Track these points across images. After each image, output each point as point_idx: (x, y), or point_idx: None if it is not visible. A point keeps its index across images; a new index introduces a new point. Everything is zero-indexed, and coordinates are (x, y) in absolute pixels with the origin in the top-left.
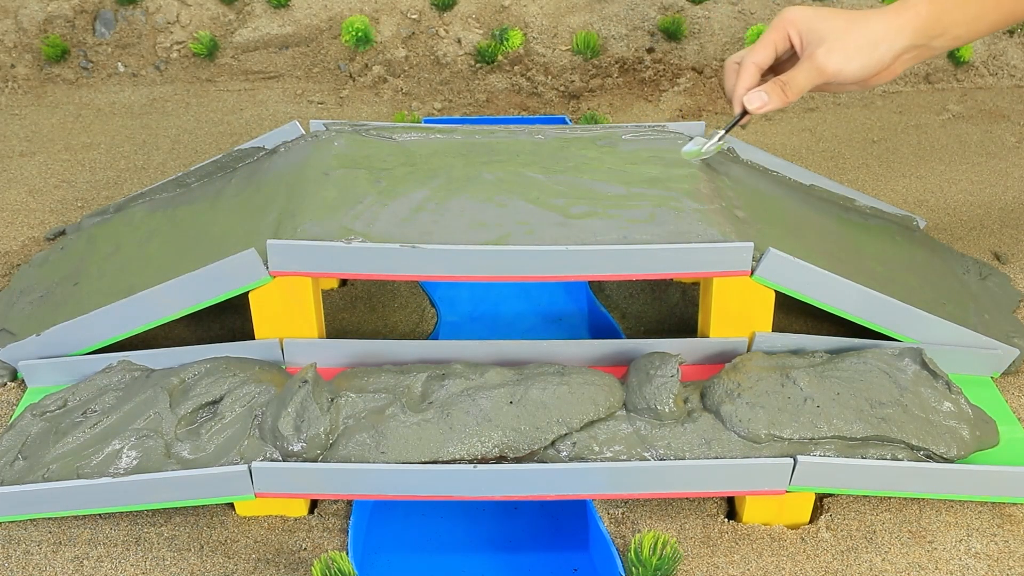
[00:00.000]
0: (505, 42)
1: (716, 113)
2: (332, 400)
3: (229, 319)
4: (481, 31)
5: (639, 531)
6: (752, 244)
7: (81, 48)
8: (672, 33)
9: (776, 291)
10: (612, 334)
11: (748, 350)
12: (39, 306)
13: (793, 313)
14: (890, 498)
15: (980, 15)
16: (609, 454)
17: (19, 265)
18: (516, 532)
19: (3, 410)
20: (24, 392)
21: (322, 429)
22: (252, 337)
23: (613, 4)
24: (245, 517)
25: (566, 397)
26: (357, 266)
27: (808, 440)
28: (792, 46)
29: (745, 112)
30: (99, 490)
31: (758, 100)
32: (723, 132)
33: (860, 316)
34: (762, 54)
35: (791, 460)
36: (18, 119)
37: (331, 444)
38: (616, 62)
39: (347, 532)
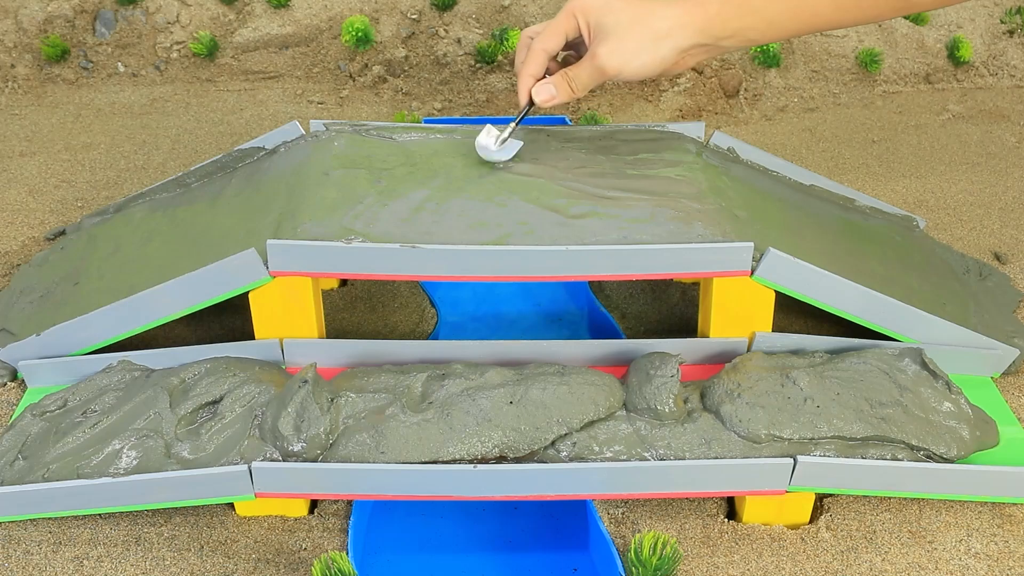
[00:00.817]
0: (505, 42)
1: (716, 113)
2: (332, 400)
3: (229, 319)
4: (481, 31)
5: (639, 531)
6: (752, 244)
7: (81, 48)
8: None
9: (776, 291)
10: (612, 334)
11: (748, 350)
12: (39, 306)
13: (793, 313)
14: (890, 498)
15: (775, 22)
16: (609, 454)
17: (19, 265)
18: (516, 532)
19: (3, 410)
20: (24, 392)
21: (322, 429)
22: (252, 337)
23: None
24: (245, 517)
25: (566, 397)
26: (357, 266)
27: (808, 440)
28: (582, 33)
29: (532, 102)
30: (99, 490)
31: (546, 93)
32: (514, 124)
33: (860, 316)
34: (552, 41)
35: (791, 460)
36: (18, 119)
37: (331, 444)
38: None
39: (347, 532)
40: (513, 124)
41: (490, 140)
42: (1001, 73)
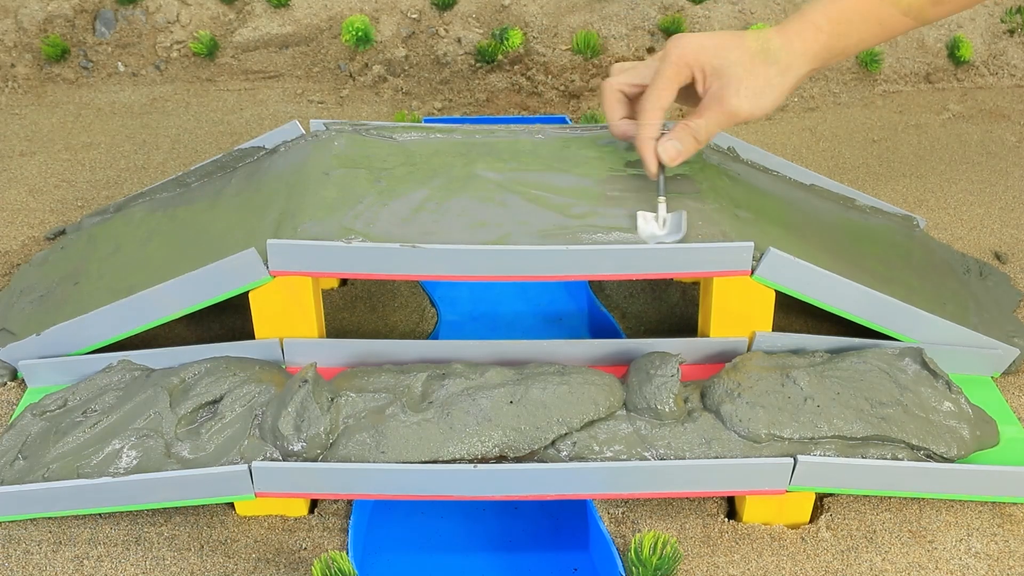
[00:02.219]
0: (505, 42)
1: None
2: (332, 400)
3: (229, 319)
4: (481, 31)
5: (639, 531)
6: (752, 244)
7: (81, 48)
8: (672, 33)
9: (776, 291)
10: (612, 334)
11: (748, 350)
12: (39, 306)
13: (793, 313)
14: (890, 498)
15: (864, 39)
16: (609, 454)
17: (19, 265)
18: (516, 532)
19: (3, 410)
20: (24, 392)
21: (322, 429)
22: (252, 337)
23: (613, 4)
24: (245, 517)
25: (566, 397)
26: (357, 266)
27: (808, 440)
28: (694, 80)
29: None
30: (99, 490)
31: (673, 151)
32: (663, 196)
33: (860, 316)
34: (666, 97)
35: (791, 460)
36: (18, 119)
37: (331, 444)
38: (616, 61)
39: (347, 532)
40: (662, 199)
41: (654, 226)
42: (1001, 73)
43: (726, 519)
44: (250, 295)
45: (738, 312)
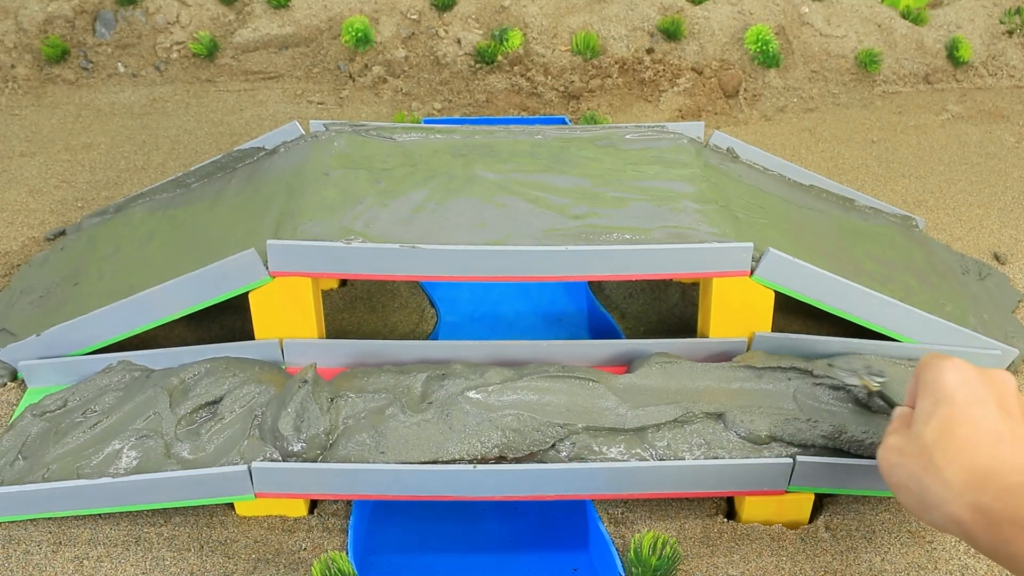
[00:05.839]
0: (505, 42)
1: (716, 113)
2: (332, 400)
3: (229, 319)
4: (481, 31)
5: (639, 531)
6: (752, 244)
7: (81, 48)
8: (672, 33)
9: (776, 291)
10: (612, 334)
11: (748, 350)
12: (39, 306)
13: (793, 313)
14: (890, 498)
15: None
16: (609, 454)
17: (19, 265)
18: (516, 532)
19: (3, 410)
20: (24, 392)
21: (322, 429)
22: (252, 337)
23: (613, 4)
24: (245, 517)
25: (566, 398)
26: (357, 266)
27: (807, 440)
28: None
29: None
30: (99, 490)
31: None
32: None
33: (859, 316)
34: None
35: (791, 460)
36: (18, 119)
37: (331, 444)
38: (616, 62)
39: (347, 532)
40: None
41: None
42: (1000, 73)
43: (725, 519)
44: (250, 296)
45: (737, 313)
